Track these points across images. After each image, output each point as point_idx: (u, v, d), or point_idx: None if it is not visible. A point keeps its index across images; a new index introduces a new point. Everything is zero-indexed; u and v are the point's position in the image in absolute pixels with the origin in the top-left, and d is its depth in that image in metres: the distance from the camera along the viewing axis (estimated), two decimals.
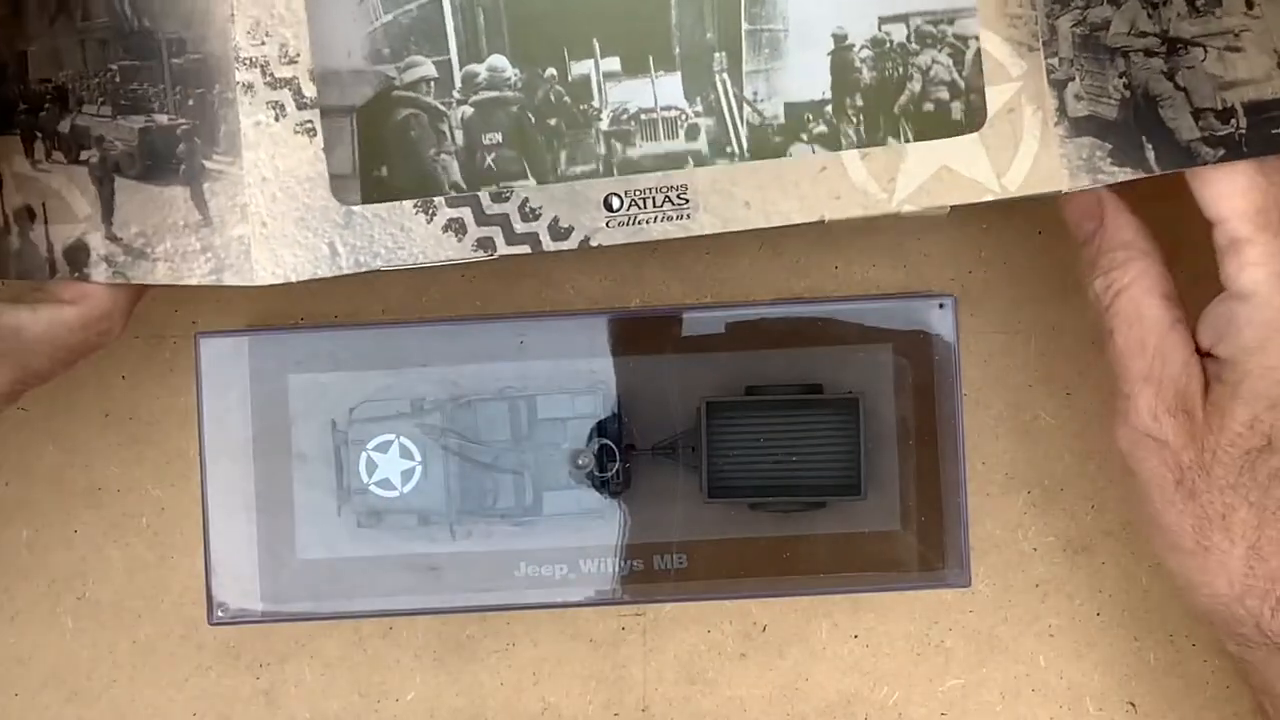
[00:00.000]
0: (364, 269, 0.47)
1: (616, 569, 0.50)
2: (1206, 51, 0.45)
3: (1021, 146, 0.45)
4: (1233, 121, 0.45)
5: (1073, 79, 0.45)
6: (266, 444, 0.50)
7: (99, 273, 0.47)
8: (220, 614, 0.50)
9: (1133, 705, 0.52)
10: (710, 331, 0.50)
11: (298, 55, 0.45)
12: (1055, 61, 0.45)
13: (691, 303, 0.51)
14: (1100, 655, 0.51)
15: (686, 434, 0.50)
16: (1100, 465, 0.51)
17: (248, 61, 0.45)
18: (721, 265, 0.51)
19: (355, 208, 0.46)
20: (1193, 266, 0.45)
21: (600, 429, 0.50)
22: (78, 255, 0.47)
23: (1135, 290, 0.44)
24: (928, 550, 0.50)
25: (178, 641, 0.52)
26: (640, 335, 0.50)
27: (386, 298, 0.51)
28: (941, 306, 0.50)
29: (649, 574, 0.50)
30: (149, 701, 0.52)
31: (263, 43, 0.44)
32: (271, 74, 0.45)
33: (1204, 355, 0.44)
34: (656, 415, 0.50)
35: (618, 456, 0.50)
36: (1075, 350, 0.51)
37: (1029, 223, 0.51)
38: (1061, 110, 0.45)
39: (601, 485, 0.50)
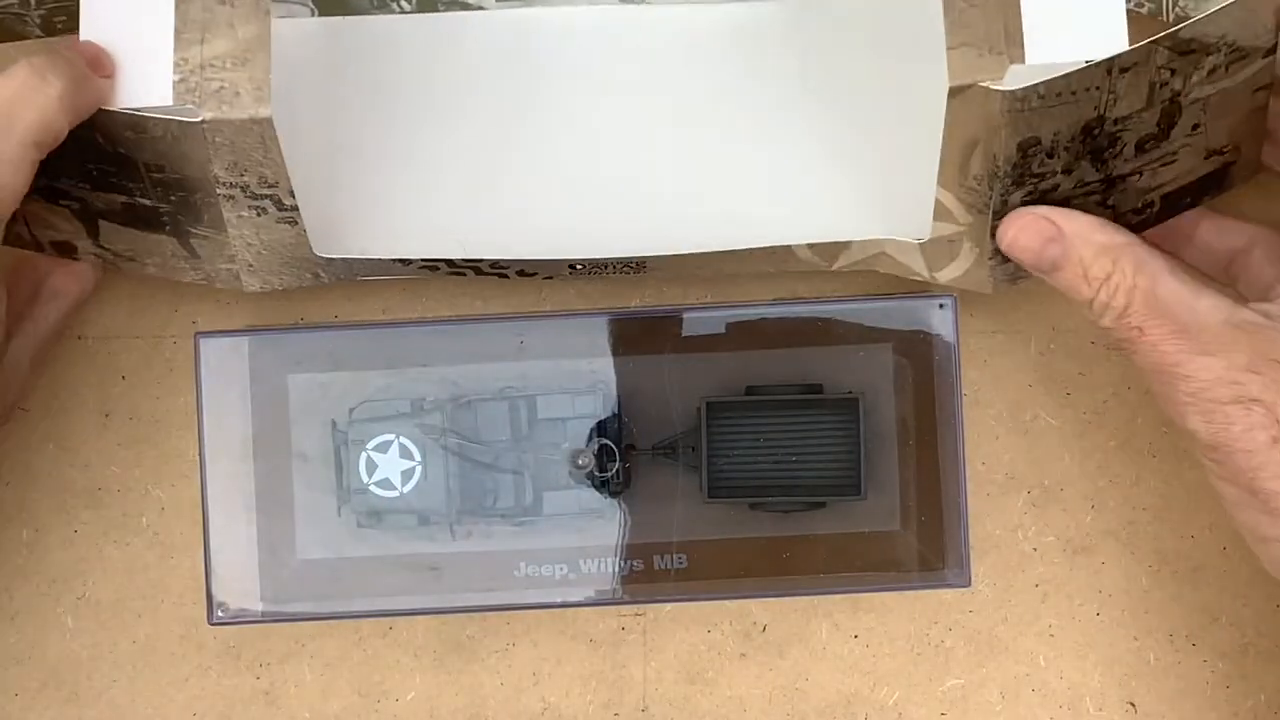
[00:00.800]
0: (346, 281, 0.48)
1: (616, 569, 0.50)
2: (1142, 175, 0.45)
3: (955, 263, 0.48)
4: (1148, 211, 0.47)
5: None
6: (266, 444, 0.50)
7: (89, 259, 0.48)
8: (220, 614, 0.50)
9: (1133, 705, 0.52)
10: (710, 331, 0.50)
11: (276, 182, 0.44)
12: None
13: (691, 303, 0.51)
14: (1100, 655, 0.51)
15: (686, 434, 0.50)
16: (1100, 465, 0.51)
17: (228, 184, 0.44)
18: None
19: (336, 256, 0.47)
20: None
21: (600, 429, 0.50)
22: (64, 248, 0.48)
23: (1144, 280, 0.43)
24: (928, 550, 0.50)
25: (178, 641, 0.52)
26: (640, 335, 0.50)
27: (386, 298, 0.51)
28: (941, 306, 0.50)
29: (649, 574, 0.50)
30: (149, 701, 0.52)
31: (242, 174, 0.44)
32: (252, 192, 0.45)
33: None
34: (656, 415, 0.50)
35: (618, 456, 0.50)
36: (1075, 350, 0.51)
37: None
38: (997, 251, 0.46)
39: (601, 485, 0.50)
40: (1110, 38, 0.42)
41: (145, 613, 0.52)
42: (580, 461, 0.50)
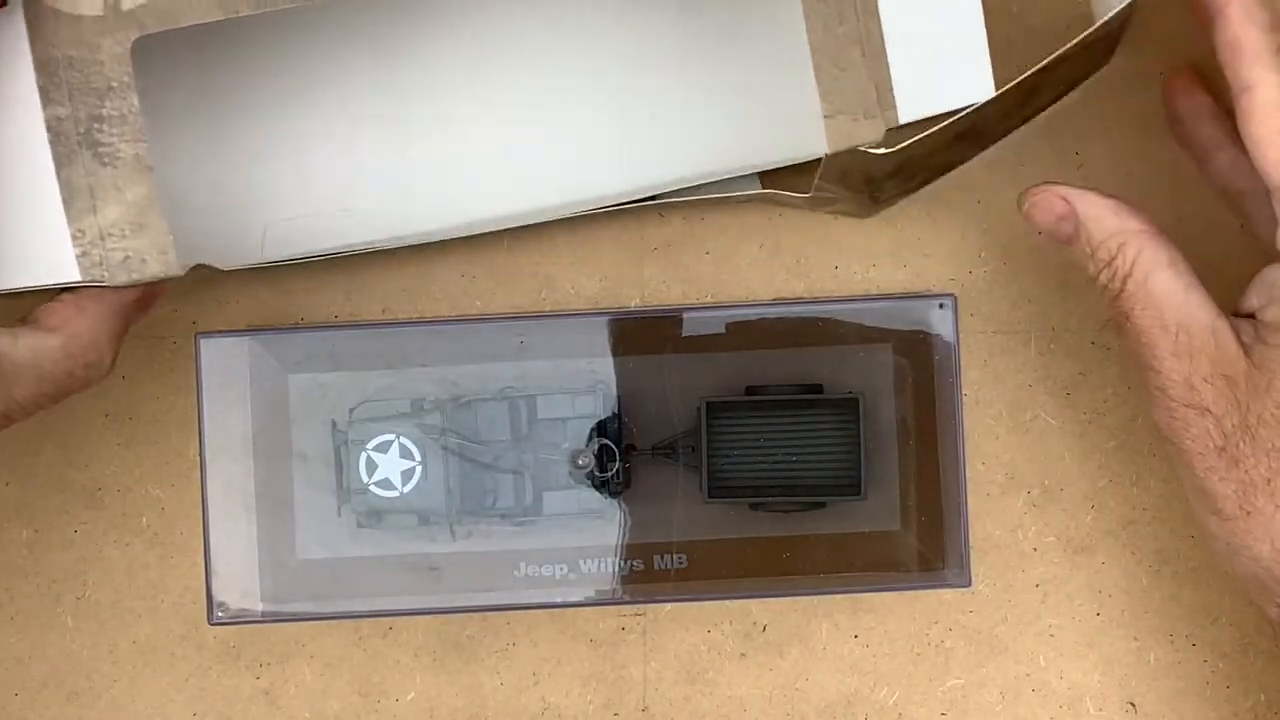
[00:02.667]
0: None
1: (616, 569, 0.50)
2: (1010, 119, 0.49)
3: (834, 206, 0.50)
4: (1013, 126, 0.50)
5: None
6: (266, 444, 0.50)
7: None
8: (220, 614, 0.50)
9: (1133, 705, 0.52)
10: (710, 331, 0.50)
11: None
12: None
13: (691, 303, 0.51)
14: (1100, 655, 0.51)
15: (686, 434, 0.50)
16: (1100, 465, 0.51)
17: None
18: (721, 265, 0.51)
19: (246, 266, 0.48)
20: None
21: (600, 429, 0.50)
22: None
23: (1139, 271, 0.44)
24: (928, 550, 0.50)
25: (178, 641, 0.52)
26: (640, 335, 0.50)
27: (386, 298, 0.51)
28: (941, 306, 0.50)
29: (649, 574, 0.50)
30: (149, 701, 0.52)
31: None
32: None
33: (1244, 317, 0.44)
34: (656, 415, 0.50)
35: (618, 456, 0.50)
36: (1075, 350, 0.51)
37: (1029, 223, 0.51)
38: (874, 196, 0.49)
39: (601, 485, 0.50)
40: (978, 84, 0.44)
41: (145, 613, 0.52)
42: (580, 461, 0.50)
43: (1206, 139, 0.49)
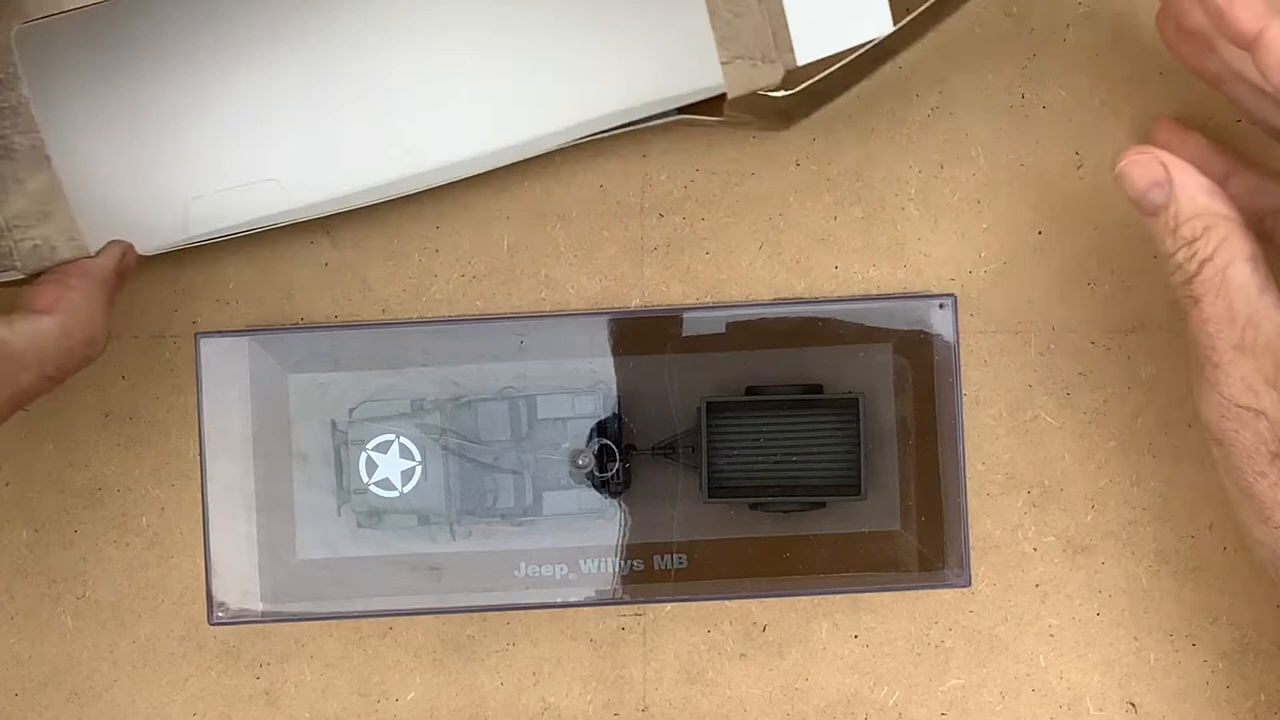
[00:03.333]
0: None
1: (616, 569, 0.50)
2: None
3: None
4: None
5: None
6: (266, 444, 0.50)
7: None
8: (220, 614, 0.50)
9: (1133, 705, 0.52)
10: (710, 331, 0.50)
11: None
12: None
13: (691, 303, 0.51)
14: (1100, 655, 0.51)
15: (686, 434, 0.50)
16: (1100, 465, 0.51)
17: None
18: (721, 265, 0.51)
19: (162, 251, 0.48)
20: None
21: (600, 429, 0.50)
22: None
23: (1220, 258, 0.43)
24: (928, 550, 0.50)
25: (178, 641, 0.52)
26: (640, 335, 0.50)
27: (386, 298, 0.51)
28: (941, 306, 0.50)
29: (649, 574, 0.50)
30: (149, 701, 0.52)
31: None
32: None
33: None
34: (656, 415, 0.50)
35: (618, 456, 0.50)
36: (1075, 350, 0.51)
37: (1029, 223, 0.51)
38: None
39: (601, 485, 0.50)
40: (875, 18, 0.44)
41: (145, 613, 0.52)
42: (580, 461, 0.50)
43: (1217, 177, 0.48)
